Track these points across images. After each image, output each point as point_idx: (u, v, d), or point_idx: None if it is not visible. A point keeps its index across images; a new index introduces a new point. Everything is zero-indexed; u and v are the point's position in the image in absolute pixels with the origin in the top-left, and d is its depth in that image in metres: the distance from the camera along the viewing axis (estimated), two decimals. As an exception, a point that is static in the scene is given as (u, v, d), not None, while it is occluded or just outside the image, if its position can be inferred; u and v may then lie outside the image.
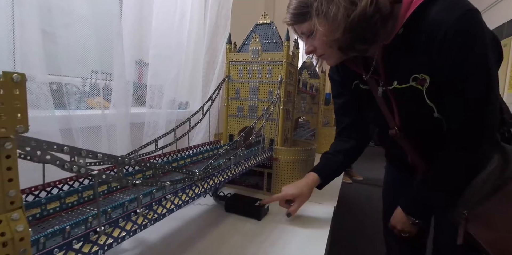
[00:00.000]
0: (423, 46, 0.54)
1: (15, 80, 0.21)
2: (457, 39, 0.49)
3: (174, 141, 0.78)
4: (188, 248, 0.60)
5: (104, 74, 0.90)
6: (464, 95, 0.54)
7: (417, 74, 0.57)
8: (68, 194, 0.46)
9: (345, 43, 0.57)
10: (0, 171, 0.21)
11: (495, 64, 0.53)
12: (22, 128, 0.22)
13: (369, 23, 0.53)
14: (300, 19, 0.60)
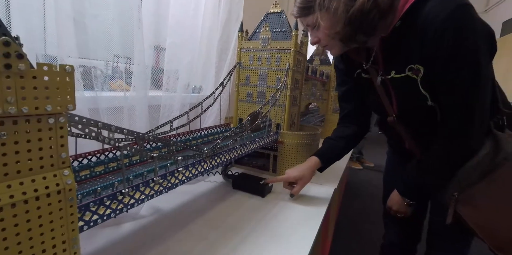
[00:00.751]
0: (418, 39, 0.57)
1: (67, 71, 0.28)
2: (448, 35, 0.52)
3: (187, 122, 0.85)
4: (197, 217, 0.68)
5: (125, 59, 0.98)
6: (455, 88, 0.57)
7: (413, 64, 0.60)
8: (96, 164, 0.55)
9: (345, 35, 0.61)
10: (56, 138, 0.29)
11: (487, 57, 0.55)
12: (71, 106, 0.29)
13: (367, 17, 0.56)
14: (305, 13, 0.64)
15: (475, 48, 0.53)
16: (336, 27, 0.60)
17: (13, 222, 0.26)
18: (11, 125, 0.25)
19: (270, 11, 1.07)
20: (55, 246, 0.29)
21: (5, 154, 0.25)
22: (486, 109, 0.59)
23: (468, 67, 0.54)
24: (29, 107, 0.26)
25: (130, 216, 0.64)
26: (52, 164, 0.29)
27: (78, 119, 0.33)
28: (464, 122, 0.59)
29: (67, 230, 0.30)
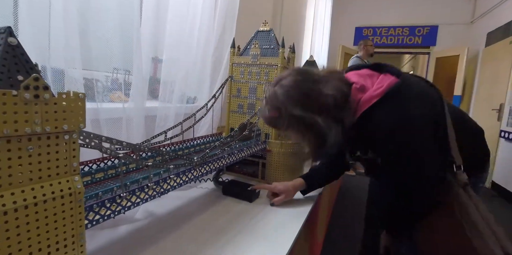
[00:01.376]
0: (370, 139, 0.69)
1: (80, 97, 0.35)
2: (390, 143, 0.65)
3: (181, 133, 0.92)
4: (188, 220, 0.74)
5: (124, 71, 1.05)
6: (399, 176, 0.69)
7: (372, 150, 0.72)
8: (96, 171, 0.61)
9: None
10: (69, 150, 0.36)
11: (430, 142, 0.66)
12: (82, 125, 0.36)
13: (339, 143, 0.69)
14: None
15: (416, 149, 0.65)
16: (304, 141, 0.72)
17: (35, 218, 0.32)
18: (36, 141, 0.32)
19: (260, 29, 1.16)
20: (66, 239, 0.36)
21: (31, 163, 0.32)
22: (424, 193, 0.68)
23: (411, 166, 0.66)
24: (50, 127, 0.33)
25: (126, 219, 0.71)
26: (66, 172, 0.36)
27: (86, 134, 0.40)
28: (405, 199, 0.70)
29: (76, 226, 0.37)
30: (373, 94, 0.65)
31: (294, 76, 0.68)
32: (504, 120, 3.11)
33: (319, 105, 0.65)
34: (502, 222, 0.71)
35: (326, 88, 0.66)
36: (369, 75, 0.71)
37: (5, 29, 0.34)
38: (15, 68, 0.33)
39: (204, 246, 0.63)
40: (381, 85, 0.66)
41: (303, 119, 0.66)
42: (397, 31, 4.85)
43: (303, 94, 0.66)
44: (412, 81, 0.69)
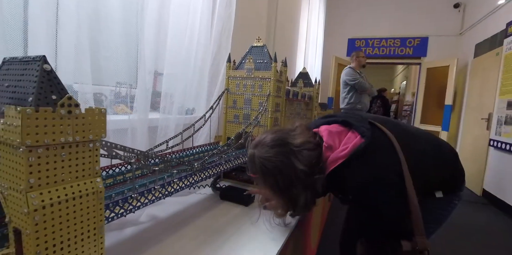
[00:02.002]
0: (344, 191, 0.79)
1: (103, 112, 0.42)
2: (359, 197, 0.74)
3: (181, 142, 0.99)
4: (188, 223, 0.81)
5: (126, 85, 1.13)
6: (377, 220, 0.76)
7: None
8: (106, 177, 0.68)
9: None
10: (93, 156, 0.43)
11: (395, 199, 0.72)
12: (104, 135, 0.43)
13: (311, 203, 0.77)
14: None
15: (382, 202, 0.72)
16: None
17: (66, 212, 0.39)
18: (68, 148, 0.40)
19: (254, 44, 1.25)
20: (90, 231, 0.43)
21: (63, 167, 0.39)
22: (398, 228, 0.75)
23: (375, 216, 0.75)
24: (79, 137, 0.40)
25: (131, 222, 0.77)
26: (89, 174, 0.43)
27: (104, 143, 0.47)
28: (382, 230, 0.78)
29: (97, 220, 0.43)
30: (338, 155, 0.72)
31: (271, 147, 0.72)
32: (493, 129, 3.22)
33: (291, 177, 0.71)
34: (493, 230, 0.77)
35: (298, 162, 0.71)
36: (338, 132, 0.78)
37: (41, 57, 0.42)
38: (49, 89, 0.41)
39: (203, 245, 0.69)
40: (346, 147, 0.72)
41: (275, 187, 0.73)
42: (388, 42, 5.02)
43: (276, 168, 0.71)
44: (376, 139, 0.74)
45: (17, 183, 0.37)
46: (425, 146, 0.82)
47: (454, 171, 0.84)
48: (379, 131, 0.78)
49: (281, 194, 0.74)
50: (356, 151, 0.70)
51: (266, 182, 0.74)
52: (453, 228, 2.34)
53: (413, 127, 0.91)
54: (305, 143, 0.74)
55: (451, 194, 0.83)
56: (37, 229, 0.36)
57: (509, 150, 2.84)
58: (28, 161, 0.36)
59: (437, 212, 0.84)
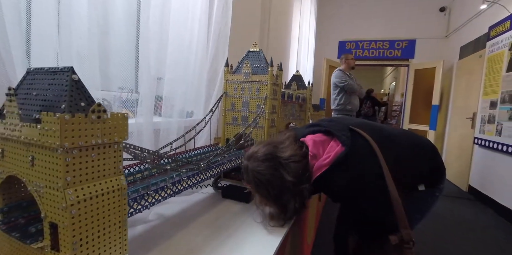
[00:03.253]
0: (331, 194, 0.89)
1: (126, 116, 0.47)
2: (344, 198, 0.85)
3: (184, 143, 1.04)
4: (193, 220, 0.85)
5: (127, 89, 1.18)
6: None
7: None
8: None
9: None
10: (117, 156, 0.48)
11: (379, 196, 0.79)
12: (126, 137, 0.48)
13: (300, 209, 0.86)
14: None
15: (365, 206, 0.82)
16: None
17: (96, 207, 0.44)
18: (97, 149, 0.44)
19: (251, 49, 1.31)
20: (115, 224, 0.47)
21: (93, 166, 0.44)
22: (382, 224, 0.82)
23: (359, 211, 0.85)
24: (107, 139, 0.45)
25: (141, 220, 0.81)
26: (115, 172, 0.47)
27: (124, 144, 0.52)
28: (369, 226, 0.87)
29: (122, 214, 0.48)
30: (322, 164, 0.81)
31: (262, 161, 0.82)
32: (477, 128, 3.36)
33: (280, 188, 0.81)
34: (478, 225, 0.84)
35: (287, 175, 0.80)
36: (321, 141, 0.86)
37: (69, 68, 0.46)
38: (78, 97, 0.46)
39: (209, 240, 0.74)
40: (329, 155, 0.81)
41: (267, 196, 0.83)
42: (378, 44, 5.16)
43: (266, 180, 0.81)
44: (356, 146, 0.82)
45: (55, 182, 0.41)
46: (404, 145, 0.90)
47: (433, 166, 0.91)
48: (360, 136, 0.85)
49: (273, 202, 0.84)
50: (338, 159, 0.79)
51: (258, 192, 0.84)
52: (439, 222, 2.44)
53: (391, 129, 0.98)
54: (292, 156, 0.83)
55: (432, 187, 0.90)
56: (73, 222, 0.41)
57: (492, 147, 2.97)
58: (65, 161, 0.40)
59: (420, 203, 0.91)
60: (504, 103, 2.88)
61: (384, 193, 0.77)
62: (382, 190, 0.77)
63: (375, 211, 0.81)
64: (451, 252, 2.00)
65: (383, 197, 0.77)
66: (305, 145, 0.87)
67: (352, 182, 0.80)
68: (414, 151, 0.89)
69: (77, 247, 0.42)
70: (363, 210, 0.83)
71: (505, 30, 3.04)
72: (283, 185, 0.80)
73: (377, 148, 0.81)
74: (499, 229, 2.44)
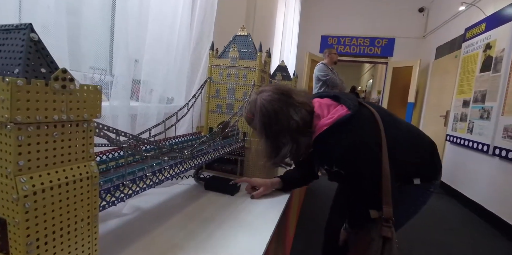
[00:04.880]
0: (328, 156, 0.82)
1: (98, 89, 0.38)
2: (342, 162, 0.80)
3: (164, 130, 0.94)
4: (175, 213, 0.78)
5: (100, 70, 1.05)
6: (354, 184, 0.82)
7: (334, 166, 0.84)
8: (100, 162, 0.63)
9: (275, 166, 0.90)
10: (87, 138, 0.39)
11: (374, 163, 0.77)
12: (99, 115, 0.39)
13: (290, 158, 0.85)
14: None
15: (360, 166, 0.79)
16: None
17: (58, 198, 0.35)
18: (61, 127, 0.35)
19: (238, 33, 1.22)
20: (83, 220, 0.39)
21: (55, 148, 0.35)
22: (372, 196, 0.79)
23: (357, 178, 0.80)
24: (74, 115, 0.36)
25: (114, 214, 0.72)
26: (83, 157, 0.39)
27: (97, 125, 0.43)
28: (357, 197, 0.83)
29: (91, 208, 0.40)
30: (324, 123, 0.79)
31: (275, 93, 0.81)
32: (450, 125, 3.50)
33: (283, 124, 0.79)
34: (448, 217, 0.84)
35: (294, 114, 0.79)
36: (328, 104, 0.85)
37: (27, 25, 0.36)
38: (38, 62, 0.36)
39: (194, 233, 0.67)
40: (332, 116, 0.80)
41: (267, 129, 0.81)
42: (359, 41, 5.21)
43: (273, 110, 0.79)
44: (362, 113, 0.82)
45: (3, 166, 0.32)
46: (404, 131, 0.89)
47: (431, 160, 0.90)
48: (366, 108, 0.85)
49: (270, 139, 0.82)
50: (341, 119, 0.78)
51: (260, 122, 0.80)
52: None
53: (397, 116, 0.96)
54: (305, 103, 0.82)
55: (428, 182, 0.89)
56: (27, 218, 0.32)
57: (463, 144, 3.11)
58: (18, 140, 0.31)
59: (415, 197, 0.91)
60: (477, 102, 3.01)
61: (378, 161, 0.76)
62: (376, 158, 0.76)
63: (367, 173, 0.78)
64: (418, 243, 2.07)
65: (376, 163, 0.76)
66: (312, 108, 0.85)
67: (351, 143, 0.77)
68: (414, 140, 0.89)
69: (33, 249, 0.33)
70: (357, 174, 0.80)
71: (480, 32, 3.16)
72: (287, 124, 0.78)
73: (381, 123, 0.80)
74: (468, 222, 2.58)
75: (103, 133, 0.44)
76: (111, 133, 0.46)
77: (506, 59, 2.63)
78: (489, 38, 2.97)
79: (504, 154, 2.48)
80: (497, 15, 2.88)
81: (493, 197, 2.59)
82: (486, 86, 2.89)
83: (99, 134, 0.44)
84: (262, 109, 0.80)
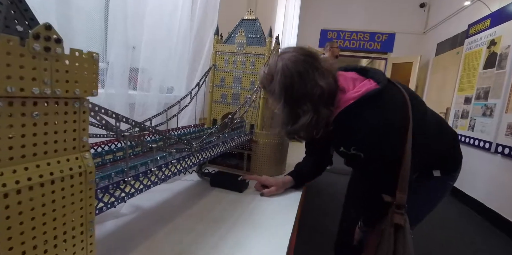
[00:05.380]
0: (350, 135, 0.72)
1: (95, 58, 0.29)
2: (365, 144, 0.70)
3: (166, 121, 0.85)
4: (180, 212, 0.69)
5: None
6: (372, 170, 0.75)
7: (354, 147, 0.74)
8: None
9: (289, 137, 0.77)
10: (79, 122, 0.30)
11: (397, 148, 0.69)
12: (95, 92, 0.30)
13: (307, 130, 0.72)
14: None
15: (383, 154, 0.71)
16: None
17: (41, 202, 0.26)
18: (43, 106, 0.26)
19: (245, 17, 1.12)
20: (75, 228, 0.30)
21: (35, 134, 0.26)
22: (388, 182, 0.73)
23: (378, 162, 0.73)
24: (61, 89, 0.27)
25: (111, 214, 0.63)
26: (74, 147, 0.29)
27: (91, 106, 0.34)
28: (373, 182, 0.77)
29: (85, 212, 0.31)
30: (350, 96, 0.70)
31: (300, 54, 0.71)
32: (450, 122, 3.46)
33: (307, 89, 0.69)
34: (447, 214, 0.78)
35: (320, 79, 0.69)
36: (353, 78, 0.75)
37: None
38: (12, 17, 0.27)
39: (204, 237, 0.58)
40: (360, 90, 0.71)
41: (288, 93, 0.70)
42: (359, 36, 5.13)
43: (297, 72, 0.69)
44: (391, 90, 0.74)
45: (-41, 157, 0.23)
46: (430, 116, 0.82)
47: (453, 150, 0.85)
48: (396, 86, 0.76)
49: (289, 104, 0.72)
50: (370, 93, 0.69)
51: (281, 84, 0.70)
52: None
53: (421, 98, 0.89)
54: (330, 71, 0.72)
55: (447, 174, 0.84)
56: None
57: (463, 141, 3.08)
58: (-21, 119, 0.22)
59: (434, 191, 0.86)
60: (479, 99, 2.97)
61: (401, 149, 0.69)
62: (401, 145, 0.69)
63: (386, 164, 0.72)
64: (417, 239, 2.02)
65: (399, 152, 0.69)
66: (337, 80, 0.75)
67: (377, 126, 0.68)
68: (438, 127, 0.83)
69: (4, 271, 0.24)
70: (376, 162, 0.73)
71: (484, 28, 3.10)
72: (311, 89, 0.69)
73: (409, 103, 0.71)
74: (467, 219, 2.55)
75: (99, 117, 0.35)
76: (110, 118, 0.36)
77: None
78: (494, 34, 2.91)
79: (507, 152, 2.44)
80: (503, 11, 2.82)
81: (494, 195, 2.56)
82: (489, 83, 2.84)
83: (96, 118, 0.35)
84: (284, 70, 0.70)
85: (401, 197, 0.70)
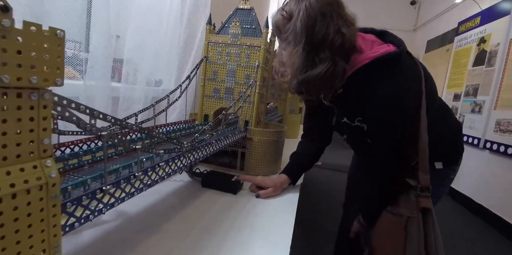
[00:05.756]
0: (360, 102, 0.66)
1: (59, 36, 0.22)
2: (384, 109, 0.64)
3: (154, 116, 0.78)
4: (170, 217, 0.62)
5: (73, 43, 0.86)
6: (383, 145, 0.69)
7: (360, 117, 0.69)
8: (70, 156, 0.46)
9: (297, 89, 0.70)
10: (38, 119, 0.23)
11: (411, 120, 0.65)
12: (59, 81, 0.23)
13: (319, 82, 0.65)
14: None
15: (401, 122, 0.65)
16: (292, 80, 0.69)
17: (-19, 227, 0.19)
18: (-16, 98, 0.19)
19: (240, 6, 1.05)
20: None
21: (-27, 136, 0.19)
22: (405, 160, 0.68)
23: (393, 133, 0.66)
24: (10, 76, 0.20)
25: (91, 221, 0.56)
26: (31, 152, 0.23)
27: (58, 99, 0.27)
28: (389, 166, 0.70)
29: (48, 236, 0.24)
30: (367, 56, 0.65)
31: None
32: (439, 118, 3.49)
33: (328, 34, 0.62)
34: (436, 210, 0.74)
35: (343, 26, 0.64)
36: (372, 40, 0.70)
37: None
38: None
39: (200, 244, 0.52)
40: (378, 50, 0.65)
41: (309, 35, 0.63)
42: (349, 31, 5.11)
43: (322, 14, 0.63)
44: (409, 59, 0.69)
45: None
46: (439, 98, 0.79)
47: (457, 140, 0.83)
48: (413, 58, 0.70)
49: (306, 49, 0.64)
50: (389, 54, 0.63)
51: (302, 24, 0.63)
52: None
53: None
54: (353, 23, 0.67)
55: (449, 166, 0.81)
56: None
57: (453, 138, 3.11)
58: None
59: (437, 185, 0.81)
60: (468, 96, 3.00)
61: (418, 123, 0.64)
62: (418, 119, 0.64)
63: (404, 138, 0.66)
64: None
65: (416, 127, 0.64)
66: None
67: (395, 94, 0.63)
68: (445, 110, 0.80)
69: None
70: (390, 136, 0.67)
71: (475, 25, 3.12)
72: (334, 32, 0.62)
73: (423, 77, 0.67)
74: (456, 214, 2.59)
75: (69, 113, 0.28)
76: (83, 114, 0.29)
77: (501, 53, 2.60)
78: (484, 32, 2.93)
79: (495, 148, 2.47)
80: (493, 9, 2.84)
81: (482, 190, 2.60)
82: (478, 80, 2.86)
83: (62, 115, 0.28)
84: (308, 9, 0.63)
85: (425, 178, 0.65)
